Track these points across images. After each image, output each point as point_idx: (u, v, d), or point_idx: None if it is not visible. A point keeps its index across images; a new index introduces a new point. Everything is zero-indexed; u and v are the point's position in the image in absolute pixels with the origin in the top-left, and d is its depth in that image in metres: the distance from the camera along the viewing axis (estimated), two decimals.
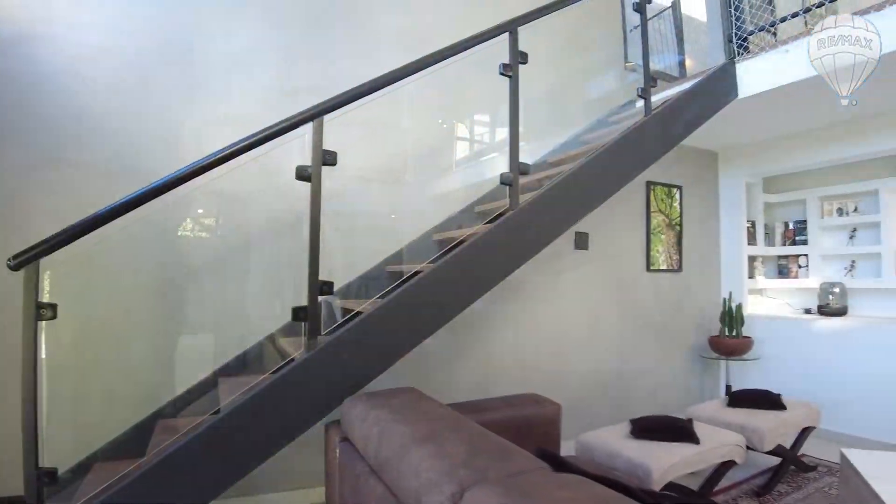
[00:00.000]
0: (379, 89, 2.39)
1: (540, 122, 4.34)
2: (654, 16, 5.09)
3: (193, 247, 3.00)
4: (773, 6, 4.45)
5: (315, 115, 2.20)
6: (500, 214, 2.55)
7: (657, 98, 3.59)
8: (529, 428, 2.84)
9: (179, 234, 2.97)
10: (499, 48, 2.71)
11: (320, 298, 2.22)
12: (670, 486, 2.74)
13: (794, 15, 4.07)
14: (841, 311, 4.67)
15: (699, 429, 3.09)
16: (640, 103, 3.32)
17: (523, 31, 2.76)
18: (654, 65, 5.03)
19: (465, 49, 2.62)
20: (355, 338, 2.24)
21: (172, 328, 2.89)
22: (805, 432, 3.70)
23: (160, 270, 2.86)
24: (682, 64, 5.20)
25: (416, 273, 2.43)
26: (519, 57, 2.71)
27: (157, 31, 2.91)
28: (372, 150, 3.44)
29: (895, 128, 4.21)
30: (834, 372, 4.43)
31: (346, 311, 2.53)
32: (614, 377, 4.41)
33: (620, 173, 3.08)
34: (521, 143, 4.09)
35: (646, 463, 2.64)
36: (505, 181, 2.56)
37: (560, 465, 1.47)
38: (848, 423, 4.27)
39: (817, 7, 3.90)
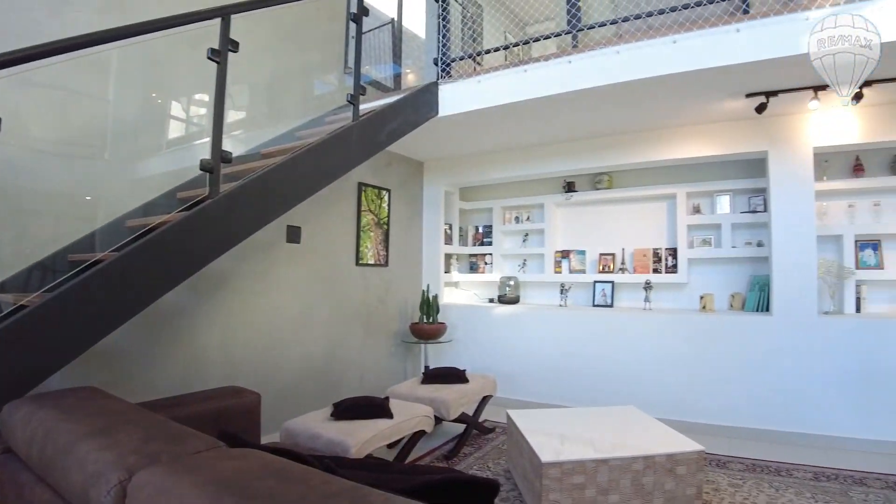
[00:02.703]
0: (66, 52, 2.12)
1: (258, 113, 4.31)
2: (373, 29, 5.43)
3: None
4: (478, 40, 5.12)
5: None
6: (200, 201, 2.48)
7: (368, 106, 3.86)
8: (229, 419, 2.83)
9: None
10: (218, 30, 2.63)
11: None
12: (368, 458, 2.99)
13: (488, 52, 4.77)
14: (515, 300, 5.62)
15: (394, 405, 3.41)
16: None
17: (243, 19, 2.73)
18: (374, 74, 5.39)
19: (175, 26, 2.50)
20: (16, 335, 1.96)
21: None
22: (485, 400, 4.36)
23: None
24: (396, 77, 5.64)
25: (99, 262, 2.23)
26: (230, 44, 2.66)
27: None
28: (60, 121, 3.01)
29: (557, 156, 5.28)
30: (509, 349, 5.33)
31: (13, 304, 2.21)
32: (325, 365, 4.58)
33: (326, 172, 3.23)
34: (237, 132, 4.04)
35: (344, 440, 2.83)
36: (205, 168, 2.49)
37: (238, 443, 1.54)
38: (519, 389, 5.18)
39: (506, 48, 4.66)
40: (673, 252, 5.08)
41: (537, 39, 4.36)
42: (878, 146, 4.26)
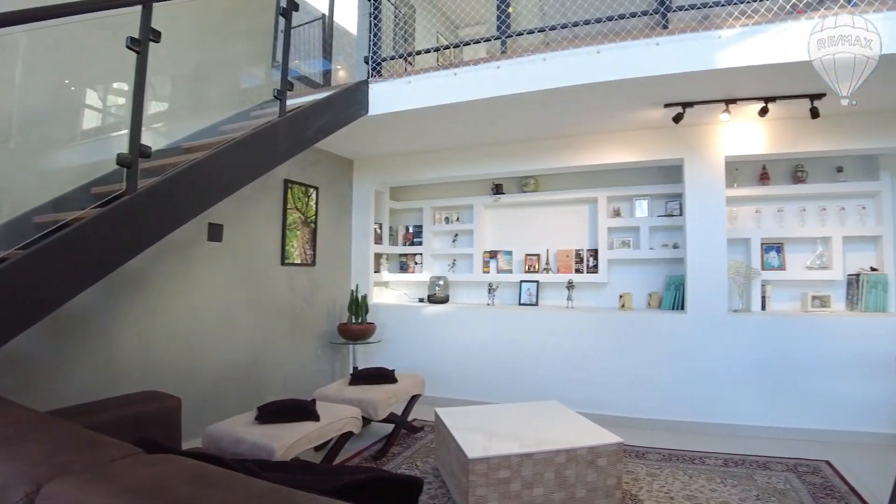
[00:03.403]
0: None
1: (181, 105, 4.14)
2: (303, 24, 5.34)
3: None
4: (410, 40, 5.12)
5: None
6: (116, 197, 2.35)
7: (296, 101, 3.79)
8: (147, 425, 2.71)
9: None
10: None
11: None
12: (294, 461, 2.94)
13: (419, 53, 4.79)
14: (445, 300, 5.67)
15: (322, 407, 3.38)
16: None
17: (166, 7, 2.62)
18: (304, 69, 5.29)
19: (93, 11, 2.40)
20: None
21: None
22: (413, 400, 4.39)
23: None
24: (326, 73, 5.56)
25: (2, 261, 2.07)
26: (151, 34, 2.54)
27: None
28: None
29: (486, 158, 5.36)
30: (439, 348, 5.37)
31: None
32: (249, 368, 4.45)
33: (251, 168, 3.14)
34: (158, 124, 3.87)
35: (269, 444, 2.78)
36: (122, 162, 2.36)
37: (157, 449, 1.48)
38: (448, 388, 5.24)
39: (440, 49, 4.69)
40: (594, 253, 5.29)
41: (467, 43, 4.43)
42: (782, 157, 4.61)
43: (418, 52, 4.79)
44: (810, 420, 4.20)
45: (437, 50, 4.85)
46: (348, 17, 5.55)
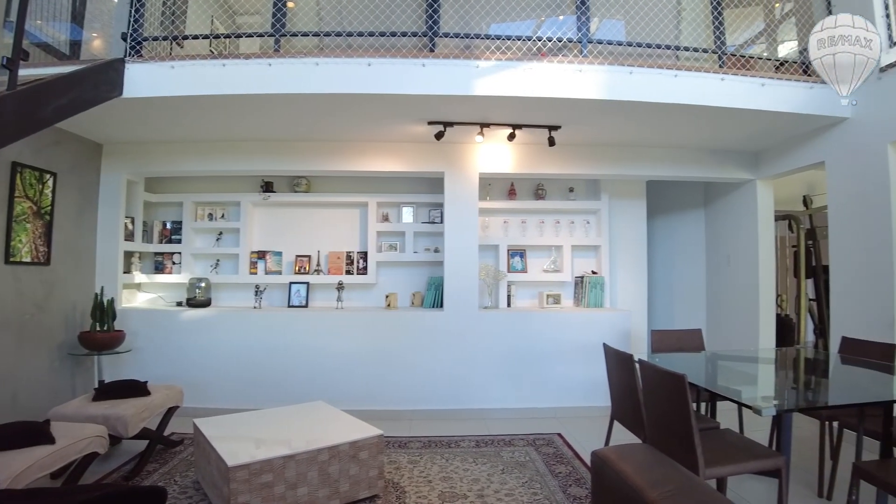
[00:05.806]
0: None
1: None
2: None
3: None
4: (178, 22, 4.68)
5: None
6: None
7: (33, 72, 3.29)
8: None
9: None
10: None
11: None
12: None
13: (186, 38, 4.42)
14: (206, 303, 5.35)
15: (58, 428, 3.00)
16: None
17: None
18: (49, 32, 4.54)
19: None
20: None
21: None
22: (170, 412, 4.08)
23: None
24: (75, 43, 4.85)
25: None
26: None
27: None
28: None
29: (256, 154, 5.19)
30: (200, 355, 5.05)
31: None
32: None
33: None
34: None
35: None
36: None
37: None
38: (211, 397, 4.98)
39: (216, 38, 4.40)
40: (364, 255, 5.51)
41: (238, 36, 4.27)
42: (527, 176, 5.40)
43: (185, 37, 4.44)
44: (547, 399, 5.00)
45: (206, 37, 4.56)
46: None
